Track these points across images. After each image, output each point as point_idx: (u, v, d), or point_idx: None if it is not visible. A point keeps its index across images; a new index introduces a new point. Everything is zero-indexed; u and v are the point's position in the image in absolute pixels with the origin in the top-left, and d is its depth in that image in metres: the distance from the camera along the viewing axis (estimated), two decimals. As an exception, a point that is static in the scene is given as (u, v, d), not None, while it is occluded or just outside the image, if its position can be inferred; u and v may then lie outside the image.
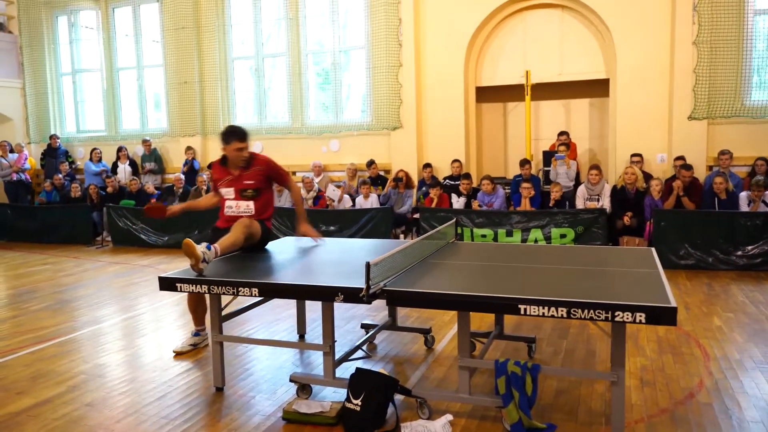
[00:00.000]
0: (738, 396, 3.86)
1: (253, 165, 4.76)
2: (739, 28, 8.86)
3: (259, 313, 5.88)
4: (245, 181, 4.73)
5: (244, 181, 4.73)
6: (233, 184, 4.76)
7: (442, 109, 10.38)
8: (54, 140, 12.79)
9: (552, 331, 5.24)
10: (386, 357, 4.71)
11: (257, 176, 4.74)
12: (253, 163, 4.77)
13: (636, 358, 4.55)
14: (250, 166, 4.75)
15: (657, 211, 7.89)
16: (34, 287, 7.57)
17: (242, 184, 4.74)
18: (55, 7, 13.22)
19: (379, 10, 10.45)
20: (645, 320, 2.87)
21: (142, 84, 12.80)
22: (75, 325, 5.85)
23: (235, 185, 4.76)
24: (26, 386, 4.30)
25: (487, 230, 8.48)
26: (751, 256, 7.49)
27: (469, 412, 3.67)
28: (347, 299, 3.36)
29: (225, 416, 3.74)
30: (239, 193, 4.76)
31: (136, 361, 4.79)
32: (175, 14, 11.79)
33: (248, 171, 4.74)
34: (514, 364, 3.38)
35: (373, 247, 4.84)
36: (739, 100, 9.01)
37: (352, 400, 3.51)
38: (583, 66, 9.96)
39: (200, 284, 3.73)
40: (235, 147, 4.65)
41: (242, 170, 4.73)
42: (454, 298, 3.25)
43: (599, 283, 3.46)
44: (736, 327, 5.28)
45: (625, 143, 9.44)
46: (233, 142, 4.64)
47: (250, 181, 4.73)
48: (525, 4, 10.03)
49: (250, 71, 12.04)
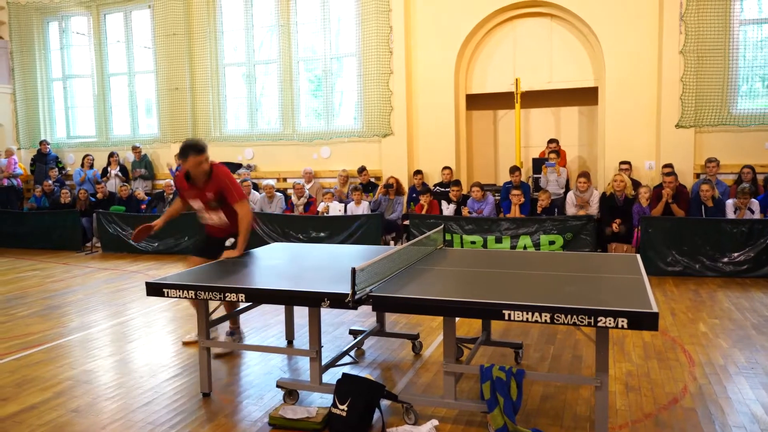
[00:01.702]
0: (721, 401, 3.90)
1: (212, 178, 4.78)
2: (726, 38, 8.99)
3: (248, 318, 5.88)
4: (207, 193, 4.79)
5: (206, 193, 4.79)
6: (198, 197, 4.83)
7: (433, 116, 10.44)
8: (44, 146, 12.74)
9: (539, 337, 5.27)
10: (374, 363, 4.72)
11: (213, 190, 4.78)
12: (212, 176, 4.78)
13: (622, 364, 4.58)
14: (210, 178, 4.77)
15: (645, 218, 7.95)
16: (22, 293, 7.54)
17: (205, 197, 4.81)
18: (47, 12, 13.22)
19: (371, 18, 10.51)
20: (627, 325, 2.90)
21: (133, 90, 12.79)
22: (63, 331, 5.83)
23: (201, 198, 4.82)
24: (11, 392, 4.28)
25: (477, 237, 8.52)
26: (737, 263, 7.57)
27: (454, 417, 3.69)
28: (333, 305, 3.38)
29: (212, 421, 3.74)
30: (206, 205, 4.84)
31: (124, 367, 4.78)
32: (167, 20, 11.81)
33: (208, 183, 4.77)
34: (499, 370, 3.41)
35: (362, 254, 4.86)
36: (726, 108, 9.12)
37: (339, 406, 3.52)
38: (572, 74, 10.05)
39: (187, 290, 3.74)
40: (194, 161, 4.66)
41: (205, 183, 4.77)
42: (439, 304, 3.27)
43: (583, 289, 3.50)
44: (721, 333, 5.33)
45: (613, 151, 9.53)
46: (191, 155, 4.65)
47: (210, 193, 4.78)
48: (515, 13, 10.12)
49: (241, 78, 12.06)
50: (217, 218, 4.87)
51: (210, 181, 4.77)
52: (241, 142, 11.83)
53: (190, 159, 4.66)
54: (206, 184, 4.77)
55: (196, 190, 4.82)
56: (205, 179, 4.76)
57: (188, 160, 4.67)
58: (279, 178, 11.50)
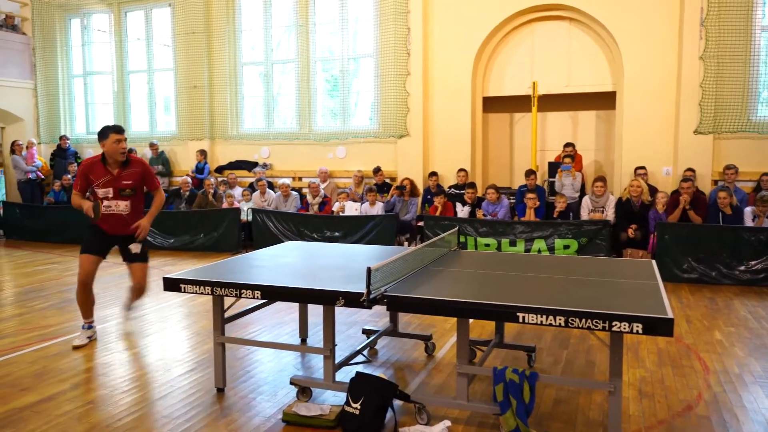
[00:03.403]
0: (736, 410, 3.87)
1: (130, 165, 5.04)
2: (747, 44, 8.90)
3: (262, 316, 5.92)
4: (123, 181, 5.00)
5: (122, 180, 5.00)
6: (111, 184, 5.00)
7: (449, 118, 10.44)
8: (64, 141, 12.92)
9: (552, 341, 5.26)
10: (387, 362, 4.74)
11: (134, 176, 5.04)
12: (131, 164, 5.05)
13: (636, 370, 4.56)
14: (128, 166, 5.03)
15: (661, 224, 7.90)
16: (40, 286, 7.65)
17: (121, 184, 5.00)
18: (69, 9, 13.40)
19: (389, 19, 10.54)
20: (642, 330, 2.89)
21: (152, 87, 12.93)
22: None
23: (114, 185, 5.00)
24: (31, 383, 4.35)
25: (491, 239, 8.51)
26: (754, 272, 7.49)
27: (467, 418, 3.70)
28: (348, 303, 3.40)
29: (225, 417, 3.78)
30: (118, 192, 5.01)
31: (139, 361, 4.84)
32: (187, 19, 11.92)
33: (126, 171, 5.02)
34: (513, 372, 3.41)
35: (376, 254, 4.88)
36: (746, 115, 9.03)
37: (352, 404, 3.54)
38: (590, 78, 10.00)
39: (204, 286, 3.78)
40: (114, 139, 4.91)
41: (121, 170, 4.99)
42: (454, 305, 3.28)
43: (598, 294, 3.49)
44: (737, 341, 5.29)
45: (630, 156, 9.47)
46: (110, 134, 4.92)
47: (128, 180, 5.02)
48: (533, 16, 10.10)
49: (259, 77, 12.14)
50: (124, 206, 5.06)
51: (129, 168, 5.04)
52: (258, 140, 11.91)
53: (111, 137, 4.91)
54: (124, 171, 5.02)
55: (109, 176, 4.99)
56: (121, 166, 5.01)
57: (109, 138, 4.91)
58: (294, 177, 11.56)
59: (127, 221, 5.12)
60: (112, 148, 4.93)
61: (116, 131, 4.93)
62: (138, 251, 5.22)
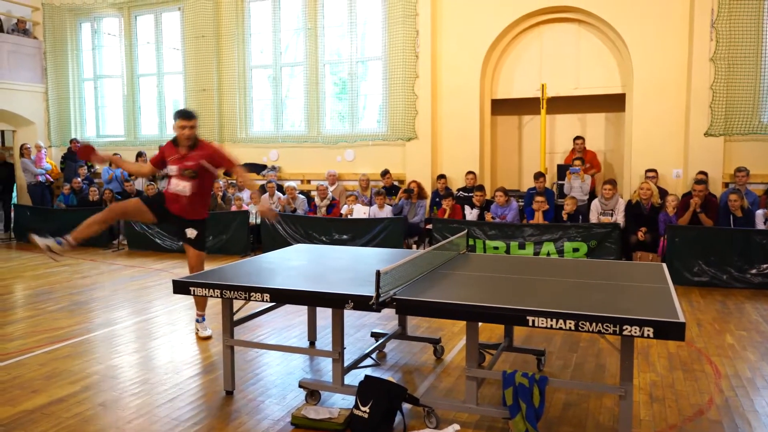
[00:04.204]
0: (748, 415, 3.83)
1: (197, 148, 5.21)
2: (758, 46, 8.83)
3: (270, 319, 5.93)
4: (187, 162, 5.16)
5: (186, 161, 5.16)
6: (177, 163, 5.19)
7: (458, 120, 10.43)
8: (74, 144, 12.99)
9: (562, 344, 5.23)
10: (395, 366, 4.73)
11: (196, 159, 5.16)
12: (198, 146, 5.22)
13: (646, 374, 4.53)
14: (195, 148, 5.20)
15: (671, 227, 7.85)
16: (50, 288, 7.70)
17: (184, 165, 5.16)
18: (79, 14, 13.50)
19: (397, 22, 10.55)
20: (653, 335, 2.87)
21: (162, 90, 12.99)
22: (90, 326, 5.94)
23: (179, 164, 5.18)
24: (41, 385, 4.38)
25: (500, 242, 8.49)
26: (766, 275, 7.41)
27: (476, 422, 3.68)
28: (357, 307, 3.40)
29: (234, 419, 3.78)
30: (181, 171, 5.17)
31: (149, 363, 4.86)
32: (196, 23, 11.98)
33: (192, 152, 5.18)
34: (522, 376, 3.39)
35: (385, 257, 4.88)
36: (757, 117, 8.96)
37: (360, 407, 3.54)
38: (600, 80, 9.96)
39: (213, 288, 3.79)
40: (179, 125, 5.13)
41: (188, 150, 5.18)
42: (463, 308, 3.27)
43: (609, 297, 3.47)
44: (748, 345, 5.24)
45: (640, 158, 9.42)
46: (177, 120, 5.14)
47: (191, 162, 5.16)
48: (542, 18, 10.07)
49: (268, 80, 12.18)
50: (182, 186, 5.17)
51: (195, 151, 5.19)
52: (266, 143, 11.94)
53: (177, 122, 5.13)
54: (190, 152, 5.18)
55: (178, 155, 5.20)
56: (188, 147, 5.18)
57: (176, 123, 5.13)
58: (303, 180, 11.58)
59: (186, 203, 5.23)
60: (177, 132, 5.17)
61: (183, 117, 5.13)
62: (192, 237, 5.32)
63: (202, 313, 5.59)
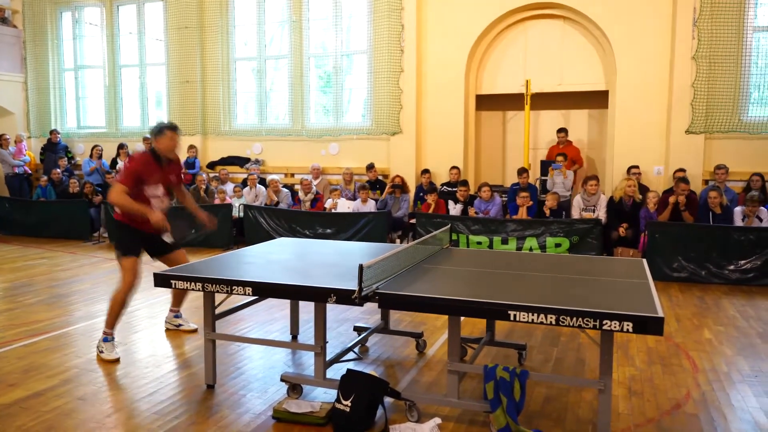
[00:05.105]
0: (724, 408, 3.89)
1: (174, 160, 4.99)
2: (738, 45, 8.94)
3: (253, 312, 5.91)
4: (170, 176, 4.93)
5: (169, 176, 4.92)
6: (161, 180, 4.87)
7: (442, 115, 10.44)
8: (54, 135, 12.81)
9: (543, 339, 5.27)
10: (378, 360, 4.74)
11: (176, 171, 5.00)
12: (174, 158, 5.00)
13: (625, 368, 4.59)
14: (170, 161, 4.94)
15: (651, 224, 7.93)
16: (30, 281, 7.59)
17: (168, 180, 4.92)
18: (60, 3, 13.28)
19: (383, 16, 10.52)
20: (632, 329, 2.90)
21: (144, 82, 12.85)
22: (69, 319, 5.87)
23: (164, 181, 4.89)
24: (19, 378, 4.32)
25: (483, 237, 8.52)
26: (743, 271, 7.54)
27: (457, 416, 3.70)
28: (339, 301, 3.40)
29: (215, 413, 3.76)
30: (166, 188, 4.94)
31: (129, 357, 4.82)
32: (179, 13, 11.85)
33: (169, 166, 4.93)
34: (503, 370, 3.42)
35: (368, 251, 4.88)
36: (737, 115, 9.08)
37: (342, 401, 3.54)
38: (583, 77, 10.03)
39: (194, 282, 3.76)
40: (170, 136, 4.79)
41: (167, 166, 4.88)
42: (445, 303, 3.29)
43: (589, 292, 3.50)
44: (725, 340, 5.32)
45: (622, 155, 9.51)
46: (166, 132, 4.78)
47: (173, 175, 4.96)
48: (527, 14, 10.10)
49: (252, 72, 12.09)
50: (168, 203, 4.98)
51: (173, 164, 4.95)
52: (250, 136, 11.87)
53: (167, 134, 4.77)
54: (168, 166, 4.90)
55: (160, 174, 4.82)
56: (166, 162, 4.88)
57: (165, 135, 4.76)
58: (287, 174, 11.53)
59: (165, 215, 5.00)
60: (168, 145, 4.79)
61: (174, 129, 4.83)
62: (171, 239, 5.14)
63: (177, 309, 5.48)
